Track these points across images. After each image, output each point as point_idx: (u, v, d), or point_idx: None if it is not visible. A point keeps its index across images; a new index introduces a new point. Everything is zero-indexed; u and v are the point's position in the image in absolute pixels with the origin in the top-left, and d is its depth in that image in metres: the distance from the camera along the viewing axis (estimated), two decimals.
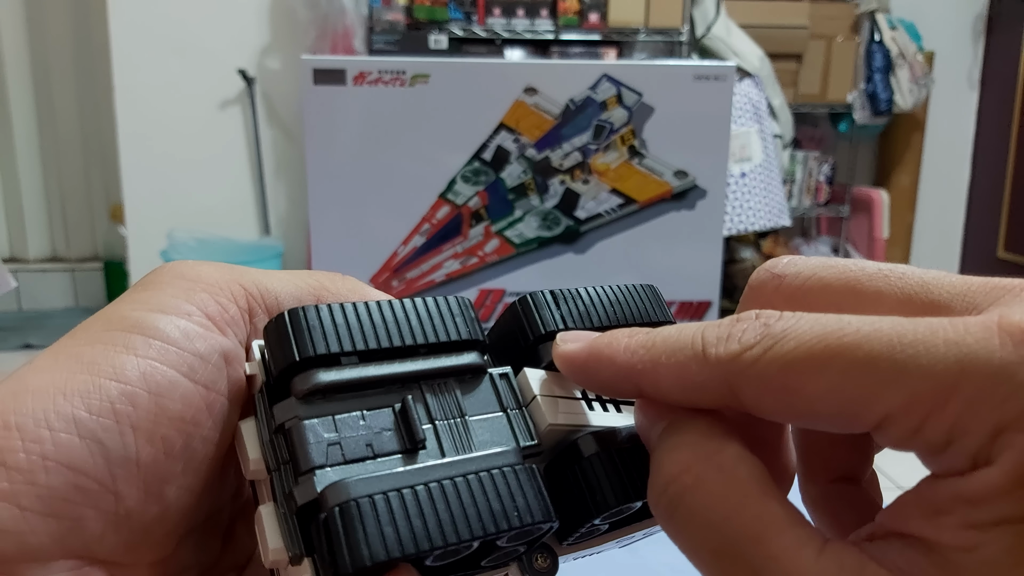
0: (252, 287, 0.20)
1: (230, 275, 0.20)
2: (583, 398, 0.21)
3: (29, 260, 3.04)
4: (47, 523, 0.16)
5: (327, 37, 2.47)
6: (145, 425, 0.17)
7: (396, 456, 0.18)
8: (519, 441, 0.19)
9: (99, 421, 0.16)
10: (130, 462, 0.17)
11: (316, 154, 1.46)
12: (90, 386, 0.17)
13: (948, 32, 3.04)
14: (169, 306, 0.18)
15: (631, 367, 0.17)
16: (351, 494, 0.16)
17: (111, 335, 0.18)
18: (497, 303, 1.53)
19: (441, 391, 0.19)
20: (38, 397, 0.16)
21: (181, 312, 0.18)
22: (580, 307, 0.21)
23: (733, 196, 2.47)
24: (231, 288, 0.19)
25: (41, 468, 0.15)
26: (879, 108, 2.76)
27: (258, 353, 0.19)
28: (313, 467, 0.17)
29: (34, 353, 1.44)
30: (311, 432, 0.17)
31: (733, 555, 0.15)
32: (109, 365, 0.17)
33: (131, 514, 0.17)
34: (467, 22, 2.58)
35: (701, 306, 1.61)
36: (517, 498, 0.17)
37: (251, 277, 0.20)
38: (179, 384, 0.18)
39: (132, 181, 2.65)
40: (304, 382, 0.17)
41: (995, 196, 3.04)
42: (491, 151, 1.47)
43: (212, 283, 0.19)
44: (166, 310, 0.18)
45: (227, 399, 0.19)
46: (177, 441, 0.18)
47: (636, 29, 2.62)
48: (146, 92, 2.61)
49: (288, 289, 0.20)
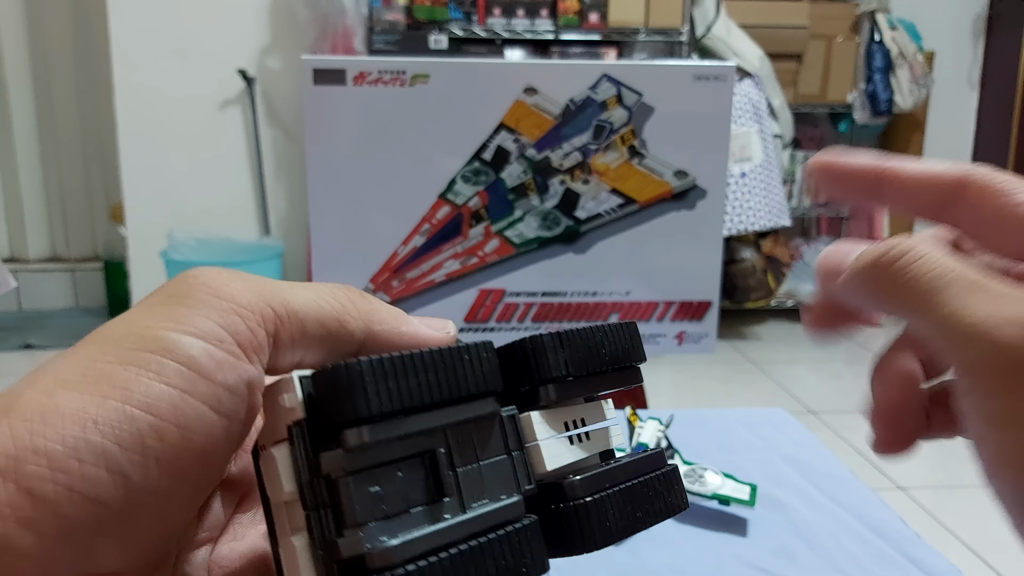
0: (281, 309, 0.20)
1: (260, 296, 0.20)
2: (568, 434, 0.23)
3: (29, 260, 3.04)
4: (64, 549, 0.16)
5: (327, 37, 2.47)
6: (169, 458, 0.17)
7: (426, 507, 0.20)
8: (520, 485, 0.22)
9: (127, 455, 0.16)
10: (149, 493, 0.17)
11: (316, 154, 1.46)
12: (122, 416, 0.17)
13: (948, 32, 3.04)
14: (203, 329, 0.18)
15: (879, 166, 0.25)
16: (394, 559, 0.18)
17: (144, 357, 0.18)
18: (497, 303, 1.53)
19: (461, 437, 0.21)
20: (69, 423, 0.16)
21: (214, 338, 0.18)
22: (580, 353, 0.23)
23: (733, 196, 2.47)
24: (262, 311, 0.19)
25: (67, 500, 0.16)
26: (879, 108, 2.76)
27: (299, 388, 0.19)
28: (359, 523, 0.18)
29: (34, 353, 1.45)
30: (358, 489, 0.18)
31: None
32: (142, 393, 0.17)
33: (140, 535, 0.17)
34: (467, 22, 2.58)
35: (701, 306, 1.61)
36: (525, 554, 0.20)
37: (280, 298, 0.20)
38: (206, 418, 0.18)
39: (132, 181, 2.65)
40: (355, 438, 0.18)
41: None
42: (491, 151, 1.47)
43: (244, 305, 0.19)
44: (200, 334, 0.18)
45: (243, 424, 0.19)
46: (194, 471, 0.18)
47: (636, 29, 2.62)
48: (146, 92, 2.61)
49: (313, 312, 0.20)
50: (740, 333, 2.88)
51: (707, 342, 1.66)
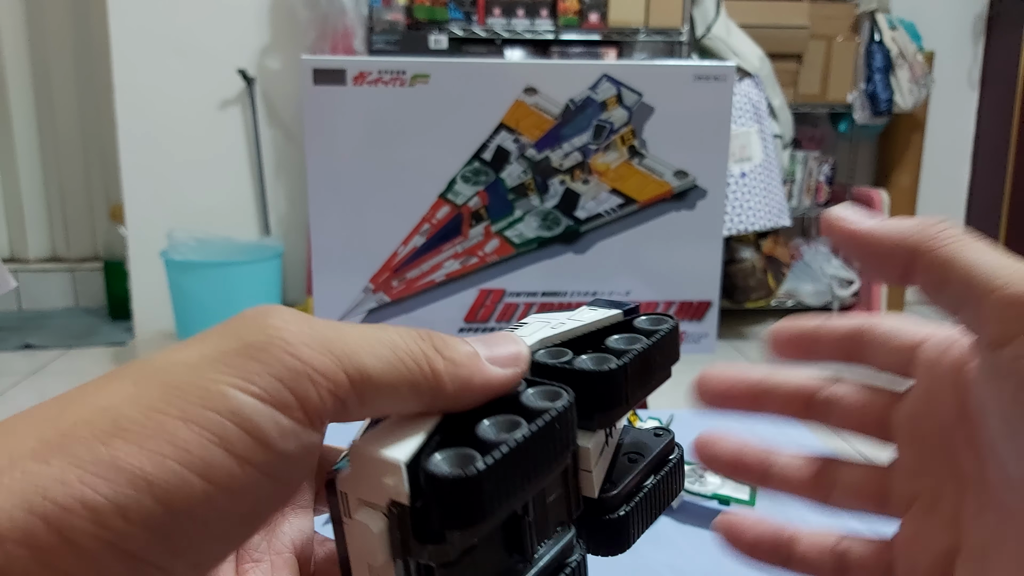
0: (356, 375, 0.19)
1: (337, 360, 0.19)
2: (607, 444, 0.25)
3: (29, 260, 3.04)
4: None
5: (327, 37, 2.47)
6: (215, 520, 0.17)
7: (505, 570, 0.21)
8: (572, 513, 0.23)
9: (176, 519, 0.16)
10: (193, 550, 0.17)
11: (316, 154, 1.46)
12: (178, 481, 0.16)
13: (948, 32, 3.04)
14: (272, 394, 0.18)
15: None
16: None
17: (208, 417, 0.17)
18: (497, 303, 1.53)
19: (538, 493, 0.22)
20: (124, 480, 0.16)
21: (282, 404, 0.18)
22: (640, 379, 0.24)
23: (733, 196, 2.47)
24: (336, 377, 0.19)
25: (109, 555, 0.16)
26: (879, 108, 2.76)
27: (406, 479, 0.19)
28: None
29: (34, 353, 1.44)
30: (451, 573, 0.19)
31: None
32: (201, 459, 0.17)
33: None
34: (467, 22, 2.58)
35: (701, 306, 1.61)
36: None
37: (356, 363, 0.19)
38: (262, 487, 0.18)
39: (132, 181, 2.65)
40: (464, 540, 0.19)
41: (995, 196, 3.04)
42: (491, 151, 1.47)
43: (319, 369, 0.18)
44: (268, 399, 0.18)
45: (294, 487, 0.19)
46: (237, 531, 0.18)
47: (636, 29, 2.62)
48: (146, 92, 2.62)
49: (388, 379, 0.20)
50: (740, 333, 2.88)
51: (707, 342, 1.66)
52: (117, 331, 2.77)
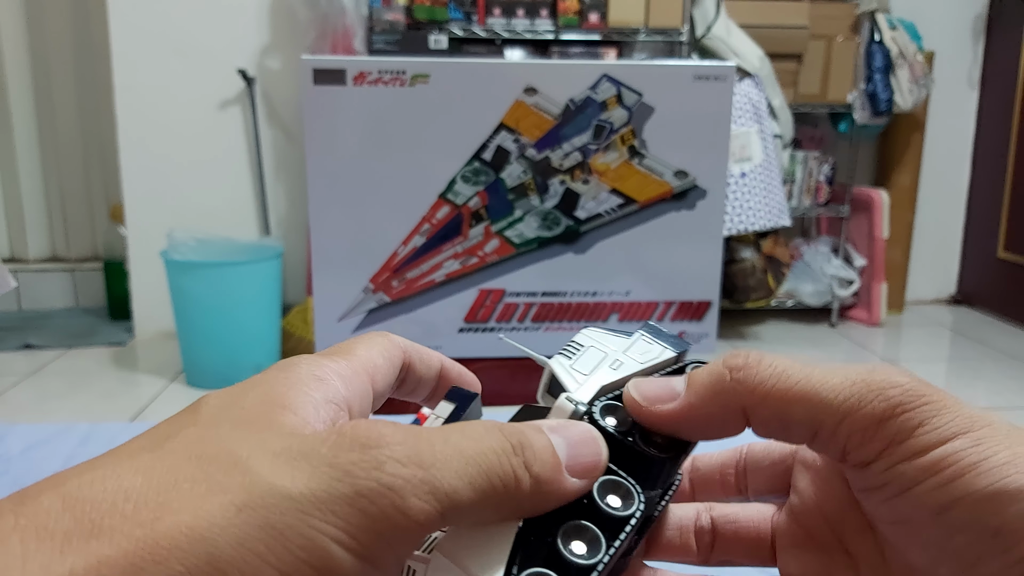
0: (448, 509, 0.19)
1: (436, 504, 0.19)
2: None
3: (29, 260, 3.04)
4: None
5: (327, 37, 2.47)
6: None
7: None
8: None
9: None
10: None
11: (316, 154, 1.46)
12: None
13: (948, 32, 3.04)
14: (372, 551, 0.18)
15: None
16: None
17: (300, 571, 0.17)
18: (497, 303, 1.53)
19: None
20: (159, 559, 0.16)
21: (379, 560, 0.18)
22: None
23: (733, 196, 2.47)
24: (433, 523, 0.19)
25: None
26: (879, 108, 2.76)
27: None
28: None
29: (34, 353, 1.44)
30: None
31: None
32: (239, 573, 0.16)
33: None
34: (467, 22, 2.58)
35: (701, 306, 1.61)
36: None
37: (451, 499, 0.19)
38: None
39: (132, 181, 2.65)
40: None
41: (995, 196, 3.04)
42: (491, 151, 1.47)
43: (422, 522, 0.18)
44: (368, 556, 0.18)
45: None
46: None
47: (636, 29, 2.62)
48: (146, 92, 2.62)
49: (476, 507, 0.20)
50: (740, 333, 2.88)
51: (707, 342, 1.66)
52: (117, 331, 2.77)
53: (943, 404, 0.21)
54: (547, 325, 1.54)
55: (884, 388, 0.21)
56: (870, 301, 2.96)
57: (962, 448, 0.20)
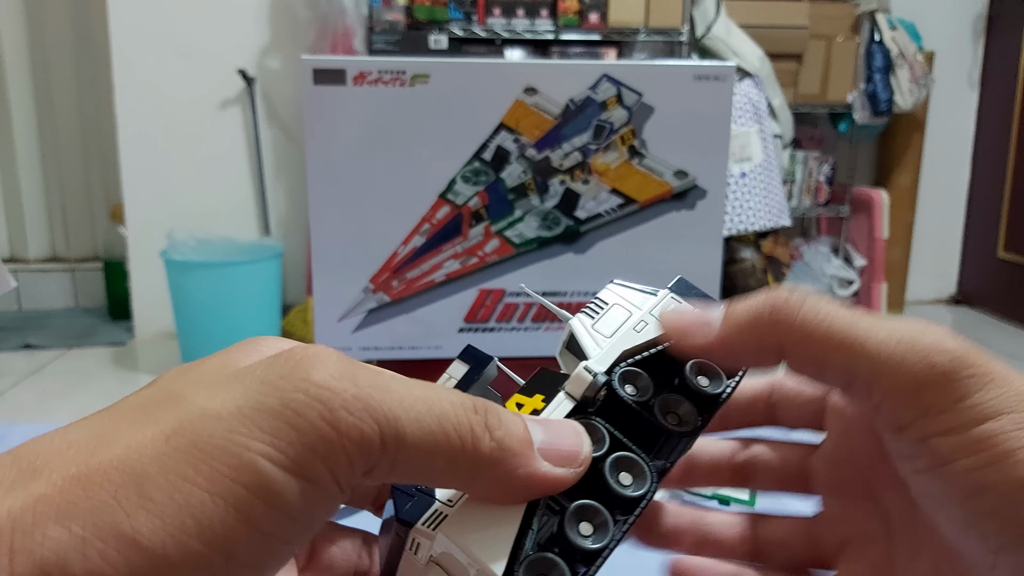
0: (391, 441, 0.18)
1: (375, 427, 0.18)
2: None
3: (29, 260, 3.04)
4: None
5: (327, 37, 2.47)
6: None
7: None
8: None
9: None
10: None
11: (316, 154, 1.46)
12: (199, 560, 0.16)
13: (948, 32, 3.04)
14: (303, 466, 0.17)
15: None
16: None
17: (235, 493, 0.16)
18: (497, 303, 1.53)
19: None
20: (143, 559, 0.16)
21: (313, 478, 0.17)
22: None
23: (733, 196, 2.47)
24: (371, 446, 0.18)
25: None
26: (879, 108, 2.76)
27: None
28: None
29: (34, 353, 1.44)
30: None
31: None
32: (224, 537, 0.16)
33: None
34: (467, 22, 2.58)
35: None
36: None
37: (394, 428, 0.18)
38: (283, 553, 0.18)
39: (132, 181, 2.65)
40: None
41: (995, 196, 3.04)
42: (491, 151, 1.47)
43: (355, 439, 0.17)
44: (299, 472, 0.17)
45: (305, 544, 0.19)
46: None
47: (636, 29, 2.62)
48: (146, 92, 2.62)
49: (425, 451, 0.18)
50: None
51: None
52: (117, 331, 2.77)
53: (992, 377, 0.20)
54: (547, 325, 1.54)
55: (931, 352, 0.20)
56: (870, 301, 2.96)
57: (1003, 431, 0.19)
